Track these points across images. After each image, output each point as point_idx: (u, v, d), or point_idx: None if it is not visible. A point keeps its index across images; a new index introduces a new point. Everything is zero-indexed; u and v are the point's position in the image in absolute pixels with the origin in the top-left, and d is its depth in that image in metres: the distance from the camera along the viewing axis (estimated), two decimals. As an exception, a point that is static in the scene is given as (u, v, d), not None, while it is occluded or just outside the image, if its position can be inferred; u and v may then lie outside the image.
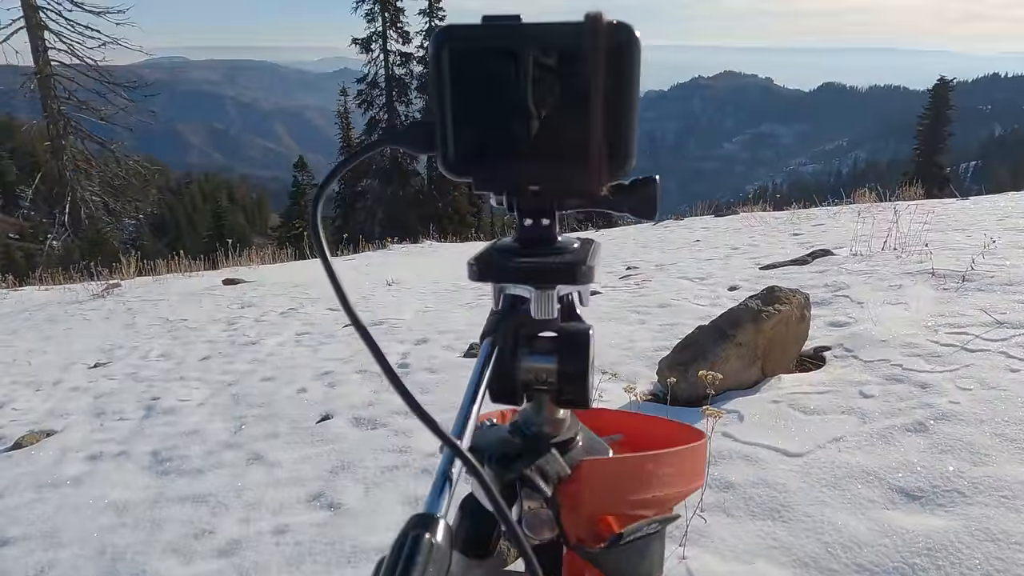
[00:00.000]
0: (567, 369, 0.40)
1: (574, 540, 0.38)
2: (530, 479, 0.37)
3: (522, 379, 0.41)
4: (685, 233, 9.01)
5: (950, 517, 1.68)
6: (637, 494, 0.39)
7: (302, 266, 9.93)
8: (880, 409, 2.33)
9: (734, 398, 2.61)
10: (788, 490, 1.92)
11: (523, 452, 0.38)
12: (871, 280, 4.08)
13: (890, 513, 1.75)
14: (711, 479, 2.04)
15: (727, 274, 5.18)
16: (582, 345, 0.41)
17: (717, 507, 1.90)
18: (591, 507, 0.38)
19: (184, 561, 2.02)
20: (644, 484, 0.40)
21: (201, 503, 2.37)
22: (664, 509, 0.41)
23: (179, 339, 5.14)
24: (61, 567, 2.08)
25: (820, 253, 5.17)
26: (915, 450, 2.02)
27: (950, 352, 2.73)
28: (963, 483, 1.81)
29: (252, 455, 2.73)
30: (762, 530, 1.76)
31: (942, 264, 4.08)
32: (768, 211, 10.76)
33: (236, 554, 2.02)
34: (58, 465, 2.87)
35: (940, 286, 3.70)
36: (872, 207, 8.39)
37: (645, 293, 4.81)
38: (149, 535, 2.19)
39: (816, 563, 1.60)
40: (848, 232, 6.02)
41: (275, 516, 2.22)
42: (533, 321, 0.40)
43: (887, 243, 5.14)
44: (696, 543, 1.75)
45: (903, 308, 3.43)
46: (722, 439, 2.28)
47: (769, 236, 7.48)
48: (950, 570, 1.50)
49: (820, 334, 3.25)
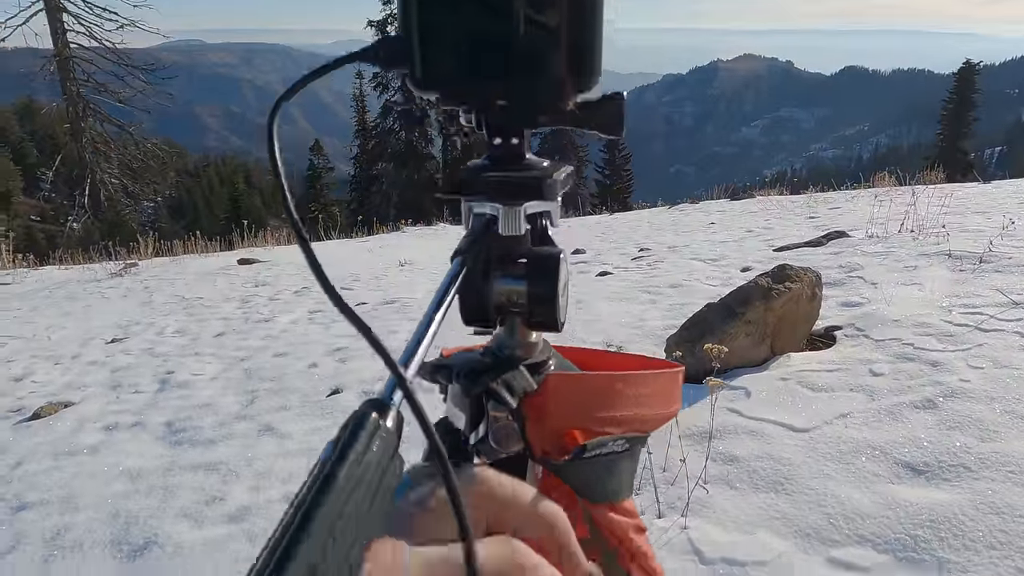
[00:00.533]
0: (537, 291, 0.40)
1: (539, 453, 0.39)
2: (495, 391, 0.38)
3: (495, 302, 0.41)
4: (700, 216, 8.95)
5: (955, 491, 1.68)
6: (605, 411, 0.40)
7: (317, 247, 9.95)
8: (889, 387, 2.31)
9: (742, 375, 2.60)
10: (792, 464, 1.92)
11: (491, 368, 0.39)
12: (886, 261, 4.03)
13: (895, 487, 1.74)
14: (715, 453, 2.04)
15: (740, 255, 5.14)
16: (551, 268, 0.41)
17: (720, 479, 1.90)
18: (556, 420, 0.38)
19: (195, 525, 2.07)
20: (612, 402, 0.40)
21: (213, 471, 2.41)
22: (635, 431, 0.41)
23: (194, 316, 5.20)
24: (76, 530, 2.13)
25: (835, 235, 5.11)
26: (923, 426, 2.00)
27: (963, 332, 2.70)
28: (970, 458, 1.80)
29: (263, 427, 2.77)
30: (765, 502, 1.77)
31: (959, 246, 4.02)
32: (785, 195, 10.63)
33: (246, 520, 2.06)
34: (75, 435, 2.93)
35: (956, 267, 3.65)
36: (891, 191, 8.27)
37: (656, 274, 4.79)
38: (162, 501, 2.24)
39: (818, 533, 1.60)
40: (865, 215, 5.95)
41: (284, 484, 2.26)
42: (504, 242, 0.40)
43: (904, 225, 5.07)
44: (698, 514, 1.76)
45: (917, 289, 3.39)
46: (728, 414, 2.27)
47: (784, 219, 7.40)
48: (952, 541, 1.49)
49: (832, 314, 3.23)
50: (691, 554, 1.59)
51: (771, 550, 1.56)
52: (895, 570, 1.45)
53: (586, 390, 0.40)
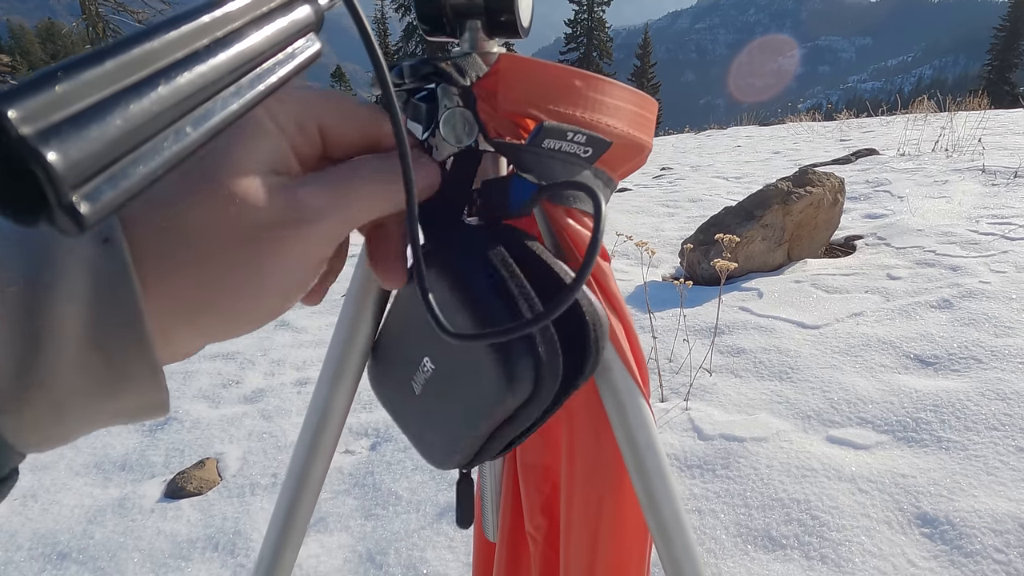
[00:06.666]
0: None
1: (493, 135, 0.37)
2: (444, 70, 0.36)
3: (450, 2, 0.39)
4: (727, 141, 8.70)
5: (963, 380, 1.66)
6: (562, 106, 0.38)
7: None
8: (906, 289, 2.27)
9: (756, 278, 2.57)
10: (800, 356, 1.91)
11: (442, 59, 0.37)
12: (916, 176, 3.90)
13: (901, 376, 1.73)
14: (723, 346, 2.04)
15: (765, 173, 5.01)
16: None
17: (726, 369, 1.91)
18: (509, 104, 0.37)
19: (212, 405, 2.14)
20: (571, 98, 0.38)
21: (230, 360, 2.48)
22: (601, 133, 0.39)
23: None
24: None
25: (865, 152, 4.94)
26: (936, 323, 1.97)
27: (989, 240, 2.62)
28: (981, 351, 1.77)
29: (280, 322, 2.83)
30: (768, 388, 1.77)
31: (994, 162, 3.87)
32: (818, 120, 10.27)
33: (260, 400, 2.13)
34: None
35: (989, 182, 3.51)
36: (929, 116, 7.93)
37: (677, 190, 4.70)
38: (181, 384, 2.31)
39: (818, 416, 1.61)
40: (899, 137, 5.73)
41: (297, 371, 2.32)
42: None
43: (939, 144, 4.88)
44: (700, 398, 1.77)
45: (945, 201, 3.28)
46: (739, 312, 2.26)
47: (815, 142, 7.16)
48: (954, 423, 1.49)
49: (855, 225, 3.15)
50: (691, 431, 1.61)
51: (770, 428, 1.57)
52: (893, 448, 1.46)
53: (541, 77, 0.37)
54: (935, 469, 1.36)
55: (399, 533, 1.40)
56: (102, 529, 1.52)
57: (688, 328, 2.18)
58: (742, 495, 1.37)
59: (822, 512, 1.28)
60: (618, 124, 0.40)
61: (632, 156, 0.43)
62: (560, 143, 0.37)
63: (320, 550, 1.38)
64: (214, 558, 1.40)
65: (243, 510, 1.55)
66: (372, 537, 1.40)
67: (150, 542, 1.46)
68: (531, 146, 0.36)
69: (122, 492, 1.67)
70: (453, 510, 1.45)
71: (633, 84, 20.47)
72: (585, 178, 0.40)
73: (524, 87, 0.37)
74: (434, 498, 1.50)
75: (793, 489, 1.36)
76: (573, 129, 0.37)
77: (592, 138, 0.38)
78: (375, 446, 1.77)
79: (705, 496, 1.39)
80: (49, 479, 1.76)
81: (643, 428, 0.44)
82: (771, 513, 1.31)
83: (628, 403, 0.44)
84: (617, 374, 0.44)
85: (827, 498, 1.32)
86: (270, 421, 1.97)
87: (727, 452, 1.50)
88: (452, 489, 1.52)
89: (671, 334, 2.16)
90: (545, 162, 0.37)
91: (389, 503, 1.51)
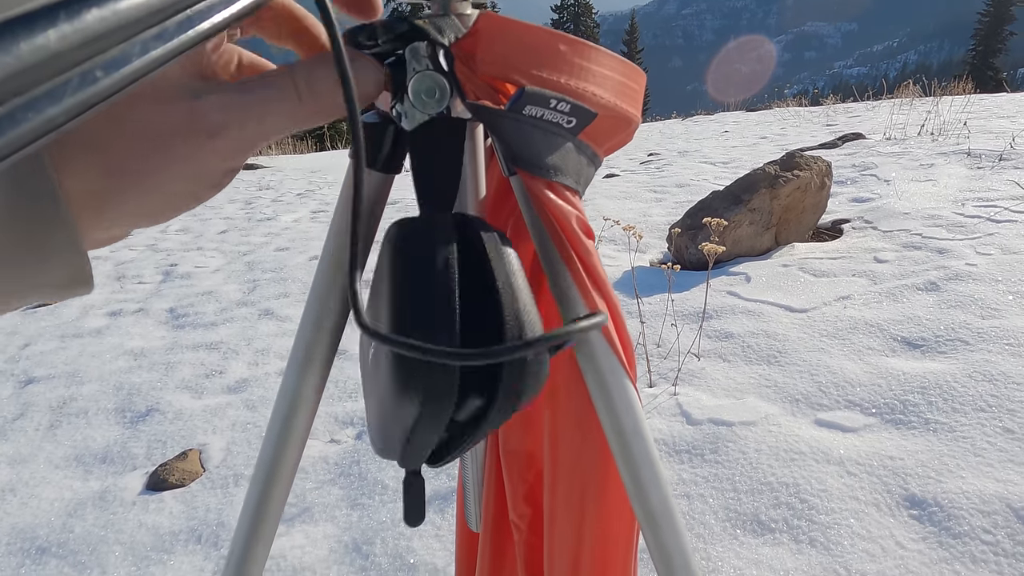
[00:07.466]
0: None
1: (472, 98, 0.35)
2: (422, 27, 0.33)
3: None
4: (714, 126, 8.68)
5: (950, 362, 1.66)
6: (545, 70, 0.35)
7: (322, 156, 9.85)
8: (893, 272, 2.27)
9: (744, 262, 2.56)
10: (788, 339, 1.90)
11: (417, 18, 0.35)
12: (902, 160, 3.91)
13: (889, 359, 1.73)
14: (711, 330, 2.03)
15: (752, 158, 5.00)
16: None
17: (714, 353, 1.90)
18: (488, 67, 0.34)
19: (195, 396, 2.11)
20: (556, 64, 0.36)
21: (213, 350, 2.45)
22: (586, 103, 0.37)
23: (197, 216, 5.18)
24: (82, 400, 2.18)
25: (851, 137, 4.94)
26: (923, 306, 1.98)
27: (974, 223, 2.63)
28: (968, 333, 1.77)
29: (263, 311, 2.79)
30: (757, 372, 1.76)
31: (980, 145, 3.88)
32: (804, 106, 10.28)
33: (244, 390, 2.10)
34: (80, 319, 2.97)
35: (975, 165, 3.53)
36: (915, 100, 7.95)
37: (665, 175, 4.68)
38: (164, 375, 2.28)
39: (807, 399, 1.61)
40: (885, 121, 5.74)
41: (282, 360, 2.28)
42: None
43: (924, 128, 4.89)
44: (688, 383, 1.76)
45: (931, 185, 3.29)
46: (727, 297, 2.25)
47: (801, 127, 7.17)
48: (942, 405, 1.49)
49: (841, 209, 3.15)
50: (679, 416, 1.60)
51: (758, 412, 1.57)
52: (881, 430, 1.46)
53: (523, 39, 0.35)
54: (923, 451, 1.36)
55: (385, 523, 1.38)
56: (82, 523, 1.49)
57: (676, 313, 2.17)
58: (731, 479, 1.36)
59: (811, 495, 1.28)
60: (604, 94, 0.38)
61: (618, 130, 0.41)
62: (542, 110, 0.35)
63: (305, 541, 1.36)
64: (197, 550, 1.38)
65: (227, 502, 1.52)
66: (358, 527, 1.38)
67: (132, 535, 1.44)
68: (511, 111, 0.34)
69: (103, 485, 1.64)
70: (441, 498, 1.44)
71: (620, 70, 20.73)
72: (568, 152, 0.37)
73: (505, 49, 0.34)
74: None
75: (782, 473, 1.35)
76: (557, 96, 0.35)
77: (577, 107, 0.36)
78: (361, 435, 1.74)
79: (694, 481, 1.38)
80: (28, 472, 1.72)
81: (629, 412, 0.42)
82: (760, 497, 1.30)
83: (613, 385, 0.42)
84: (601, 355, 0.41)
85: (816, 481, 1.31)
86: (254, 411, 1.95)
87: (715, 437, 1.50)
88: (440, 476, 1.51)
89: (659, 319, 2.15)
90: (525, 130, 0.35)
91: (375, 492, 1.49)
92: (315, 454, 1.68)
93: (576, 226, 0.38)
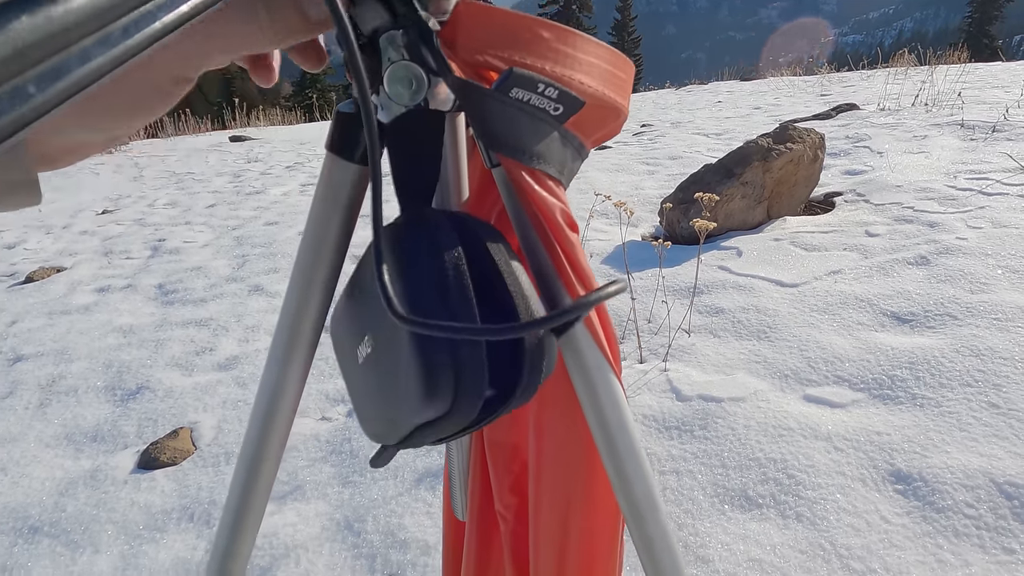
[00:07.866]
0: None
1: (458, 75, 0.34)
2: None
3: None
4: (707, 96, 8.60)
5: (938, 337, 1.67)
6: (527, 56, 0.34)
7: (311, 127, 9.71)
8: (884, 246, 2.27)
9: (736, 236, 2.56)
10: (778, 315, 1.91)
11: None
12: (895, 132, 3.89)
13: (878, 334, 1.74)
14: (702, 306, 2.03)
15: (745, 129, 4.97)
16: None
17: (704, 329, 1.90)
18: (469, 54, 0.33)
19: (186, 373, 2.10)
20: (540, 51, 0.34)
21: (203, 326, 2.43)
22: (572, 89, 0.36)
23: (185, 190, 5.12)
24: (71, 378, 2.17)
25: (845, 108, 4.91)
26: (913, 280, 1.98)
27: (966, 196, 2.63)
28: (957, 308, 1.78)
29: (253, 287, 2.77)
30: (747, 348, 1.77)
31: (973, 116, 3.86)
32: (799, 75, 10.17)
33: (234, 367, 2.09)
34: (68, 296, 2.94)
35: (968, 136, 3.51)
36: (910, 70, 7.89)
37: (657, 147, 4.64)
38: (153, 352, 2.26)
39: (796, 375, 1.61)
40: (879, 91, 5.70)
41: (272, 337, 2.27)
42: None
43: (918, 99, 4.85)
44: (678, 359, 1.77)
45: (924, 157, 3.27)
46: (717, 271, 2.25)
47: (795, 97, 7.10)
48: (929, 380, 1.50)
49: (834, 181, 3.14)
50: (669, 392, 1.61)
51: (748, 388, 1.57)
52: (869, 406, 1.47)
53: (504, 25, 0.34)
54: (909, 426, 1.37)
55: (377, 500, 1.39)
56: (74, 502, 1.50)
57: (667, 288, 2.17)
58: (719, 455, 1.37)
59: (798, 471, 1.29)
60: (592, 82, 0.37)
61: (607, 121, 0.40)
62: (529, 94, 0.34)
63: (297, 519, 1.36)
64: (190, 528, 1.38)
65: (218, 480, 1.53)
66: (350, 504, 1.39)
67: (124, 514, 1.44)
68: (498, 92, 0.33)
69: (94, 464, 1.64)
70: (431, 475, 1.45)
71: (613, 38, 20.15)
72: (553, 141, 0.36)
73: (486, 35, 0.33)
74: (412, 464, 1.49)
75: (770, 448, 1.37)
76: (545, 81, 0.33)
77: (564, 94, 0.34)
78: (351, 412, 1.75)
79: (683, 457, 1.39)
80: (19, 451, 1.72)
81: (614, 407, 0.42)
82: (748, 473, 1.31)
83: (598, 380, 0.41)
84: (586, 350, 0.41)
85: (803, 457, 1.33)
86: (245, 389, 1.94)
87: (705, 413, 1.51)
88: (430, 455, 1.51)
89: (650, 295, 2.15)
90: (511, 114, 0.34)
91: (367, 470, 1.50)
92: (306, 432, 1.68)
93: (560, 219, 0.37)
